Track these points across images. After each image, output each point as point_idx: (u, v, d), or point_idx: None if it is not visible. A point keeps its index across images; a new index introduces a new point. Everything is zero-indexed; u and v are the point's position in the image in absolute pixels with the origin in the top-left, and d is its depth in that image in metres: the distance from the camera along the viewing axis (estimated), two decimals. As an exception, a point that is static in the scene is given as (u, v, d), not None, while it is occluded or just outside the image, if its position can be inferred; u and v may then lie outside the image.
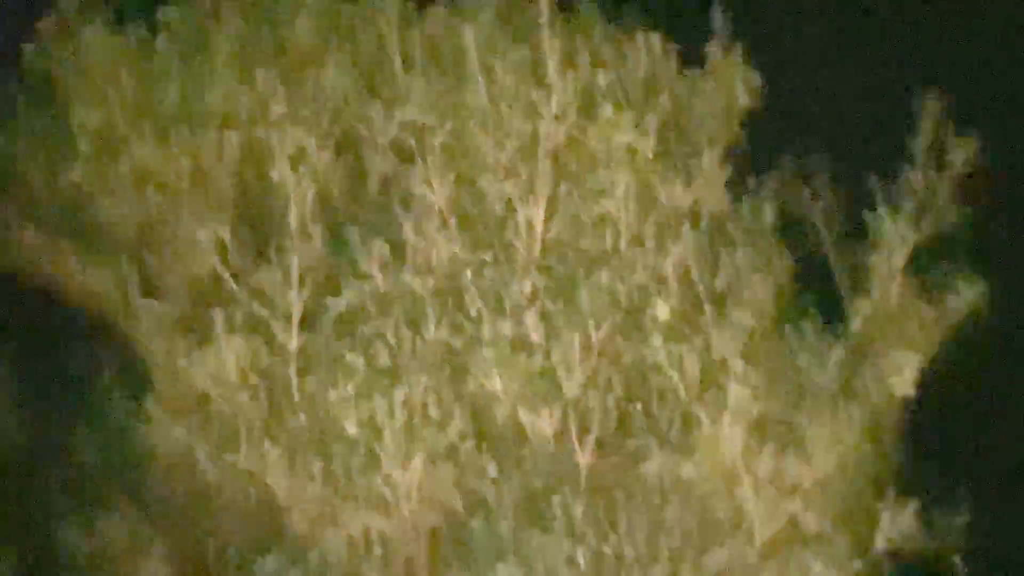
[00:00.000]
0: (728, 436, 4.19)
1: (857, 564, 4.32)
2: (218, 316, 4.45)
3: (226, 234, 4.80)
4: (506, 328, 4.37)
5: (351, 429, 4.18)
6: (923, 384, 4.80)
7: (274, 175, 4.84)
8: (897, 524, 4.49)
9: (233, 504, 4.62)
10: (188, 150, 4.95)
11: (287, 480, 4.39)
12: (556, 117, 4.67)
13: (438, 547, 4.44)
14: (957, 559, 5.57)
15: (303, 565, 4.42)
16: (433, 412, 4.26)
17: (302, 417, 4.38)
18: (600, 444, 4.45)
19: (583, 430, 4.43)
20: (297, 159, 4.85)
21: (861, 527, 4.46)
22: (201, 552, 4.71)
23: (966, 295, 4.87)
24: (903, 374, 4.58)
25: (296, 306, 4.54)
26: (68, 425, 5.38)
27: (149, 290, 4.97)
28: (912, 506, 4.50)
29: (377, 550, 4.45)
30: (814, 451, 4.26)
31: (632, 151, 4.72)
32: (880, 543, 4.42)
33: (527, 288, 4.49)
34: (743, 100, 5.13)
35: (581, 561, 4.20)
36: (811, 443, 4.26)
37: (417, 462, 4.28)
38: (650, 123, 4.73)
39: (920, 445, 4.94)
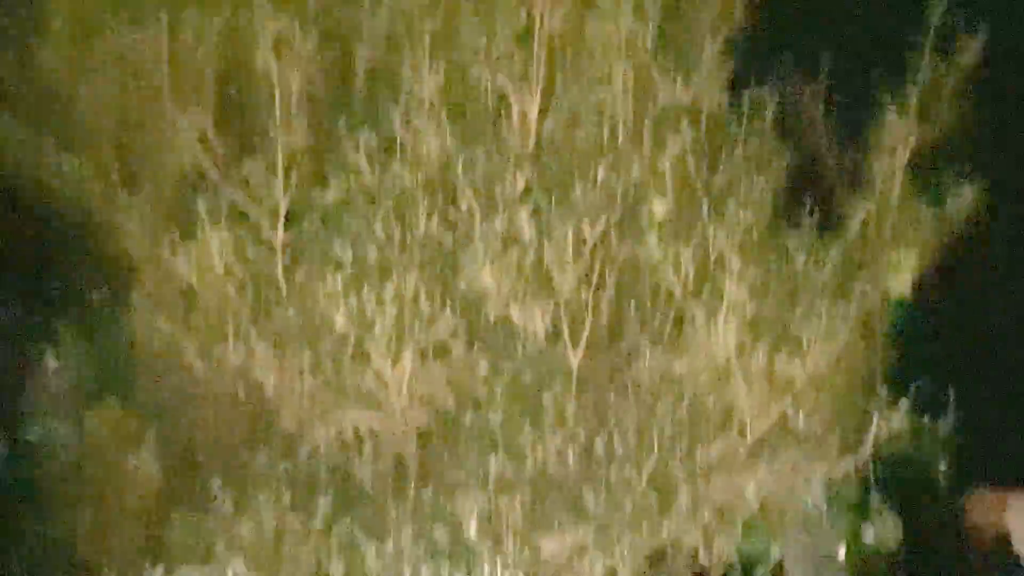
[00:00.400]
0: (722, 334, 4.17)
1: (845, 462, 4.39)
2: (202, 206, 4.32)
3: (208, 124, 4.64)
4: (498, 223, 4.26)
5: (340, 323, 4.11)
6: (919, 286, 4.79)
7: (258, 62, 4.64)
8: (887, 424, 4.54)
9: (222, 399, 4.59)
10: (167, 34, 4.73)
11: (276, 375, 4.35)
12: (552, 1, 4.47)
13: (429, 444, 4.44)
14: (942, 462, 5.69)
15: (293, 460, 4.42)
16: (424, 308, 4.19)
17: (290, 312, 4.31)
18: (592, 343, 4.42)
19: (575, 329, 4.39)
20: (281, 46, 4.64)
21: (851, 427, 4.51)
22: (190, 447, 4.71)
23: (966, 196, 4.82)
24: (900, 275, 4.55)
25: (282, 199, 4.41)
26: (51, 321, 5.33)
27: (131, 182, 4.84)
28: (902, 407, 4.55)
29: (367, 446, 4.45)
30: (808, 350, 4.25)
31: (631, 40, 4.54)
32: (869, 443, 4.47)
33: (520, 183, 4.36)
34: (746, -10, 4.93)
35: (571, 457, 4.22)
36: (805, 342, 4.25)
37: (407, 358, 4.24)
38: (650, 10, 4.54)
39: (913, 347, 4.97)
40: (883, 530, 5.27)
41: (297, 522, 4.26)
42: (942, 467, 5.68)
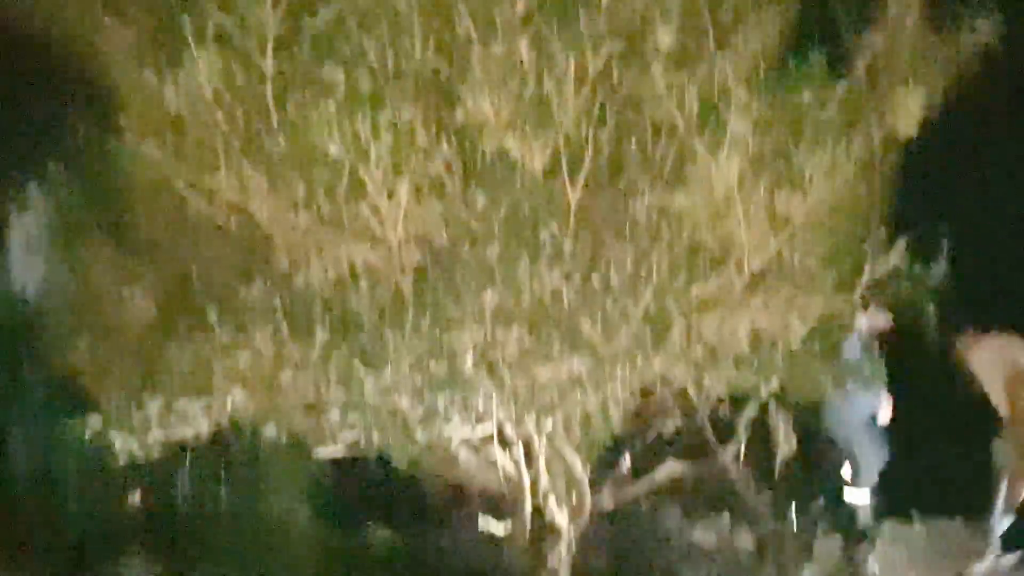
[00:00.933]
0: (724, 168, 4.10)
1: (839, 299, 4.43)
2: (188, 28, 4.13)
3: (190, -59, 4.38)
4: (497, 50, 4.10)
5: (333, 151, 4.01)
6: (925, 126, 4.70)
7: None
8: (881, 264, 4.56)
9: (215, 233, 4.55)
10: None
11: (269, 206, 4.29)
12: None
13: (425, 278, 4.43)
14: (931, 306, 5.76)
15: (288, 293, 4.42)
16: (419, 138, 4.09)
17: (281, 141, 4.19)
18: (591, 179, 4.35)
19: (574, 164, 4.31)
20: None
21: (847, 265, 4.52)
22: (184, 281, 4.70)
23: (981, 32, 4.66)
24: (907, 113, 4.44)
25: (270, 24, 4.22)
26: (39, 157, 5.22)
27: (113, 5, 4.61)
28: (898, 249, 4.56)
29: (363, 282, 4.44)
30: (809, 186, 4.20)
31: None
32: (863, 281, 4.51)
33: (520, 8, 4.17)
34: None
35: (567, 291, 4.23)
36: (807, 179, 4.20)
37: (403, 191, 4.17)
38: None
39: (913, 188, 4.92)
40: (868, 373, 5.40)
41: (295, 352, 4.30)
42: (931, 312, 5.77)
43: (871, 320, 5.61)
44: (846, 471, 5.83)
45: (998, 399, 5.66)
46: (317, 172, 4.17)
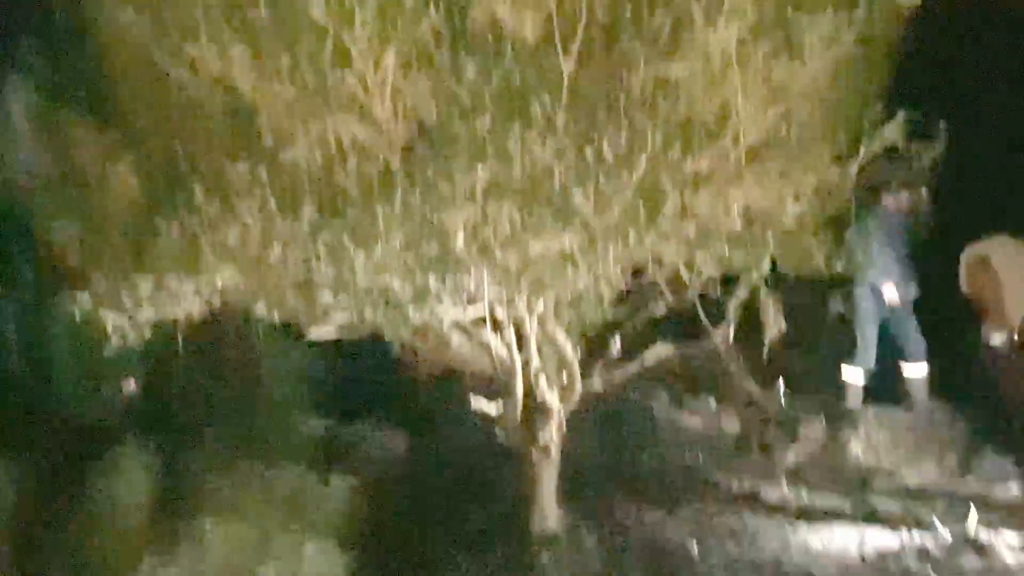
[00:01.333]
0: (722, 36, 3.96)
1: (835, 172, 4.37)
2: None
3: None
4: (488, -92, 3.91)
5: (317, 14, 3.86)
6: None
7: None
8: (878, 141, 4.48)
9: (199, 107, 4.43)
10: None
11: (253, 77, 4.15)
12: None
13: (414, 154, 4.34)
14: (924, 190, 5.72)
15: (275, 168, 4.33)
16: (407, 1, 3.93)
17: (263, 7, 4.03)
18: (585, 51, 4.22)
19: (568, 34, 4.17)
20: None
21: (843, 139, 4.44)
22: (170, 159, 4.60)
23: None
24: (910, -19, 4.29)
25: None
26: (13, 33, 5.05)
27: None
28: (897, 122, 4.47)
29: (352, 156, 4.34)
30: (808, 56, 4.09)
31: None
32: (861, 156, 4.44)
33: None
34: None
35: (560, 165, 4.15)
36: (807, 47, 4.07)
37: (390, 59, 4.03)
38: None
39: (912, 63, 4.81)
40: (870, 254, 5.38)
41: (283, 228, 4.24)
42: (924, 194, 5.75)
43: (896, 201, 5.63)
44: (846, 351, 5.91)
45: (963, 284, 5.77)
46: (301, 40, 4.02)
